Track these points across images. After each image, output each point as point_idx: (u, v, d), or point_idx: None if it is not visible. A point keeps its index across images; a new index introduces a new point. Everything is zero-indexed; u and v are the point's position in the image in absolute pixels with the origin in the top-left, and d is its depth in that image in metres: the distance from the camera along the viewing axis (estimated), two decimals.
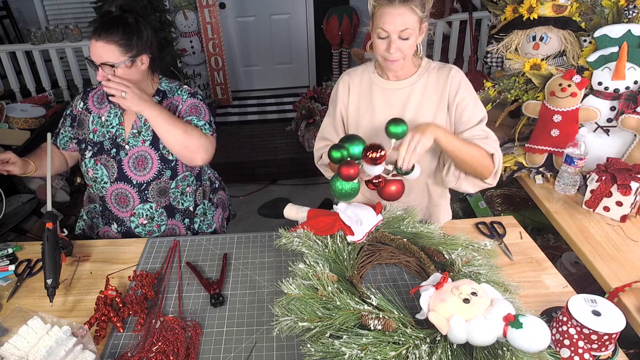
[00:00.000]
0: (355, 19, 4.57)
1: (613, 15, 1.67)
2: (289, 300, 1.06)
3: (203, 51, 4.52)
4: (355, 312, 1.00)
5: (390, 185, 1.27)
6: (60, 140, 1.59)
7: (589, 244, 1.45)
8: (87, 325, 1.10)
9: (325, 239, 1.26)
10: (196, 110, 1.54)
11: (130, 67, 1.39)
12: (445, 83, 1.40)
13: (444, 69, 1.41)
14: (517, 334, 0.87)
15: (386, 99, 1.44)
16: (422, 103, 1.41)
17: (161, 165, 1.52)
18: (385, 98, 1.44)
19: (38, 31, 3.54)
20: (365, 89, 1.47)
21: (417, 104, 1.41)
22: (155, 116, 1.38)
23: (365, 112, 1.47)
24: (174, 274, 1.34)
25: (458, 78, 1.40)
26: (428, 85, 1.41)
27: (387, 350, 0.92)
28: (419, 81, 1.42)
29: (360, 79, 1.48)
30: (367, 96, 1.47)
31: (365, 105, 1.47)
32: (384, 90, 1.44)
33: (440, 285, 1.00)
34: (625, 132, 1.68)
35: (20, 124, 2.84)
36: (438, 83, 1.41)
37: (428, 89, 1.41)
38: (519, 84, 1.85)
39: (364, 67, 1.50)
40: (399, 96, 1.43)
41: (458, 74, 1.40)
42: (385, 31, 1.27)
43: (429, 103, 1.41)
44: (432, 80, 1.41)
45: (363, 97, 1.47)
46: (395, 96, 1.43)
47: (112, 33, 1.34)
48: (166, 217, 1.59)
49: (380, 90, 1.45)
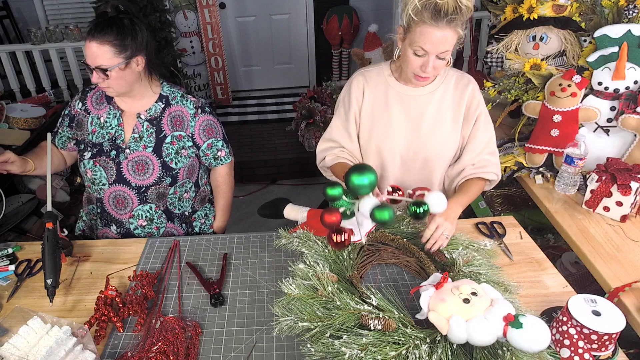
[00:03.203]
0: (355, 19, 4.57)
1: (613, 15, 1.67)
2: (289, 300, 1.06)
3: (203, 51, 4.52)
4: (355, 312, 1.00)
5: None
6: (59, 140, 1.59)
7: (589, 244, 1.45)
8: (87, 325, 1.10)
9: (325, 239, 1.26)
10: (212, 131, 1.59)
11: (125, 69, 1.39)
12: (463, 94, 1.39)
13: (462, 80, 1.40)
14: (517, 334, 0.87)
15: (403, 106, 1.40)
16: (440, 113, 1.39)
17: (162, 172, 1.52)
18: (402, 104, 1.40)
19: (38, 31, 3.54)
20: (381, 92, 1.42)
21: (435, 114, 1.39)
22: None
23: (381, 117, 1.42)
24: (174, 274, 1.34)
25: (477, 92, 1.40)
26: (446, 94, 1.39)
27: (387, 350, 0.92)
28: (438, 89, 1.39)
29: (376, 82, 1.42)
30: (383, 101, 1.42)
31: (380, 111, 1.42)
32: (401, 95, 1.40)
33: (440, 285, 1.00)
34: (625, 132, 1.68)
35: (20, 124, 2.84)
36: (456, 93, 1.39)
37: (446, 98, 1.39)
38: (519, 84, 1.85)
39: (379, 68, 1.44)
40: (417, 104, 1.40)
41: (476, 87, 1.40)
42: (425, 50, 1.22)
43: (447, 113, 1.40)
44: (451, 90, 1.39)
45: (378, 102, 1.42)
46: (413, 103, 1.40)
47: (106, 33, 1.34)
48: (165, 220, 1.59)
49: (397, 95, 1.40)
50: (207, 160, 1.62)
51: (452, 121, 1.41)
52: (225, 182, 1.70)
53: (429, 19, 1.17)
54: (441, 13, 1.15)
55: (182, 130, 1.52)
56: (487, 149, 1.44)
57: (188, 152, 1.55)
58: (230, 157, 1.67)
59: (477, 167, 1.44)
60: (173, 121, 1.51)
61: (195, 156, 1.59)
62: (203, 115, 1.55)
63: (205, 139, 1.57)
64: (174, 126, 1.51)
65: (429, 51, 1.21)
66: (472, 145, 1.44)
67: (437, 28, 1.17)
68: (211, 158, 1.62)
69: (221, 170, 1.68)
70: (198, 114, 1.54)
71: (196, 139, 1.55)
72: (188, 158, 1.55)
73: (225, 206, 1.76)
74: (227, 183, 1.71)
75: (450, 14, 1.15)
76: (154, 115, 1.50)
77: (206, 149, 1.59)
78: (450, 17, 1.15)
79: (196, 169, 1.63)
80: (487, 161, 1.45)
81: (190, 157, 1.56)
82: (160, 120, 1.50)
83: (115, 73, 1.37)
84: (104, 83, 1.39)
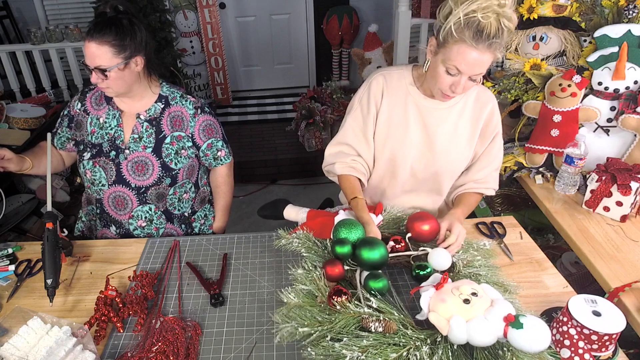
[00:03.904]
0: (355, 19, 4.57)
1: (613, 15, 1.67)
2: (289, 309, 1.05)
3: (203, 51, 4.52)
4: (356, 316, 0.99)
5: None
6: (58, 141, 1.59)
7: (589, 244, 1.45)
8: (87, 325, 1.10)
9: (325, 241, 1.26)
10: (212, 131, 1.58)
11: (124, 70, 1.39)
12: (482, 112, 1.36)
13: (483, 96, 1.37)
14: (517, 334, 0.87)
15: (421, 117, 1.36)
16: (457, 129, 1.37)
17: (162, 172, 1.51)
18: (420, 115, 1.36)
19: (38, 31, 3.54)
20: (400, 99, 1.36)
21: (452, 129, 1.36)
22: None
23: (398, 126, 1.37)
24: (174, 274, 1.34)
25: (497, 111, 1.39)
26: (465, 110, 1.36)
27: (388, 352, 0.91)
28: (458, 104, 1.35)
29: (396, 87, 1.36)
30: (401, 108, 1.36)
31: (398, 118, 1.37)
32: (420, 106, 1.35)
33: (441, 286, 1.00)
34: (625, 132, 1.68)
35: (20, 124, 2.84)
36: (475, 110, 1.37)
37: (465, 114, 1.36)
38: (519, 84, 1.85)
39: (400, 72, 1.37)
40: (435, 116, 1.36)
41: (496, 106, 1.39)
42: (459, 70, 1.15)
43: (463, 129, 1.37)
44: (470, 106, 1.36)
45: (396, 109, 1.36)
46: (431, 116, 1.36)
47: (105, 34, 1.34)
48: (165, 221, 1.59)
49: (416, 105, 1.35)
50: (206, 160, 1.62)
51: (469, 137, 1.38)
52: (224, 182, 1.70)
53: (470, 38, 1.10)
54: (483, 34, 1.09)
55: (182, 131, 1.52)
56: (496, 166, 1.45)
57: (188, 153, 1.55)
58: (230, 158, 1.67)
59: (479, 182, 1.44)
60: (173, 121, 1.51)
61: (195, 156, 1.59)
62: (203, 115, 1.55)
63: (205, 139, 1.57)
64: (173, 126, 1.51)
65: (463, 72, 1.15)
66: (484, 162, 1.43)
67: (476, 50, 1.11)
68: (211, 158, 1.62)
69: (221, 171, 1.68)
70: (198, 114, 1.54)
71: (196, 139, 1.55)
72: (188, 158, 1.55)
73: (224, 207, 1.76)
74: (226, 184, 1.71)
75: (492, 37, 1.09)
76: (153, 116, 1.50)
77: (206, 149, 1.59)
78: (492, 40, 1.10)
79: (196, 170, 1.63)
80: (490, 177, 1.45)
81: (190, 157, 1.56)
82: (160, 120, 1.50)
83: (115, 73, 1.37)
84: (103, 83, 1.39)
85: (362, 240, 1.13)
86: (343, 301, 1.01)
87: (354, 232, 1.16)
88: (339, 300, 1.02)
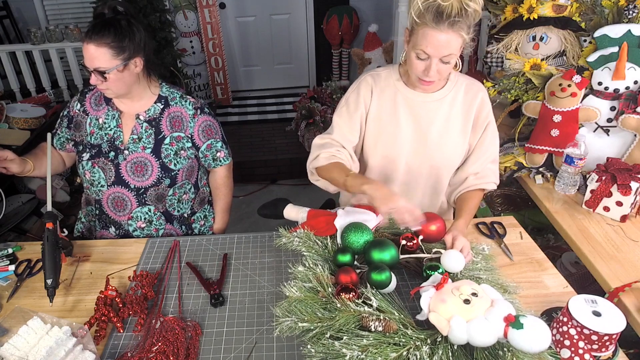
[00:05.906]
0: (355, 19, 4.57)
1: (613, 15, 1.67)
2: (290, 302, 1.05)
3: (203, 51, 4.52)
4: (356, 314, 0.99)
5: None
6: (57, 141, 1.58)
7: (589, 244, 1.45)
8: (87, 325, 1.10)
9: (325, 240, 1.26)
10: (211, 131, 1.58)
11: (123, 71, 1.38)
12: (473, 102, 1.37)
13: (473, 87, 1.38)
14: (517, 334, 0.87)
15: (412, 112, 1.37)
16: (449, 121, 1.37)
17: (161, 173, 1.51)
18: (410, 110, 1.37)
19: (38, 31, 3.54)
20: (389, 96, 1.38)
21: (444, 121, 1.37)
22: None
23: (389, 123, 1.39)
24: (174, 274, 1.34)
25: (487, 101, 1.39)
26: (456, 101, 1.37)
27: (388, 351, 0.92)
28: (448, 96, 1.36)
29: (385, 85, 1.38)
30: (391, 105, 1.38)
31: (388, 116, 1.39)
32: (409, 101, 1.37)
33: (441, 286, 1.00)
34: (625, 132, 1.68)
35: (20, 124, 2.84)
36: (466, 101, 1.37)
37: (456, 105, 1.37)
38: (519, 84, 1.85)
39: (388, 72, 1.40)
40: (425, 110, 1.37)
41: (486, 96, 1.39)
42: (427, 54, 1.19)
43: (455, 121, 1.38)
44: (461, 97, 1.37)
45: (386, 106, 1.38)
46: (421, 109, 1.37)
47: (104, 35, 1.33)
48: (164, 221, 1.59)
49: (406, 100, 1.37)
50: (206, 161, 1.62)
51: (461, 129, 1.39)
52: (224, 184, 1.70)
53: (431, 21, 1.14)
54: (443, 15, 1.12)
55: (181, 131, 1.52)
56: (491, 157, 1.44)
57: (187, 153, 1.55)
58: (229, 159, 1.67)
59: (479, 177, 1.44)
60: (172, 122, 1.51)
61: (195, 157, 1.59)
62: (202, 116, 1.55)
63: (205, 140, 1.57)
64: (173, 127, 1.51)
65: (431, 55, 1.18)
66: (478, 154, 1.43)
67: (439, 31, 1.14)
68: (210, 159, 1.62)
69: (220, 172, 1.68)
70: (197, 114, 1.54)
71: (195, 140, 1.55)
72: (187, 159, 1.55)
73: (224, 208, 1.75)
74: (226, 185, 1.71)
75: (453, 16, 1.12)
76: (152, 116, 1.50)
77: (205, 149, 1.59)
78: (452, 19, 1.12)
79: (195, 170, 1.63)
80: (489, 170, 1.44)
81: (190, 158, 1.56)
82: (159, 121, 1.50)
83: (114, 75, 1.37)
84: (102, 85, 1.39)
85: (372, 242, 1.15)
86: (351, 298, 1.02)
87: (364, 235, 1.18)
88: (345, 296, 1.02)
